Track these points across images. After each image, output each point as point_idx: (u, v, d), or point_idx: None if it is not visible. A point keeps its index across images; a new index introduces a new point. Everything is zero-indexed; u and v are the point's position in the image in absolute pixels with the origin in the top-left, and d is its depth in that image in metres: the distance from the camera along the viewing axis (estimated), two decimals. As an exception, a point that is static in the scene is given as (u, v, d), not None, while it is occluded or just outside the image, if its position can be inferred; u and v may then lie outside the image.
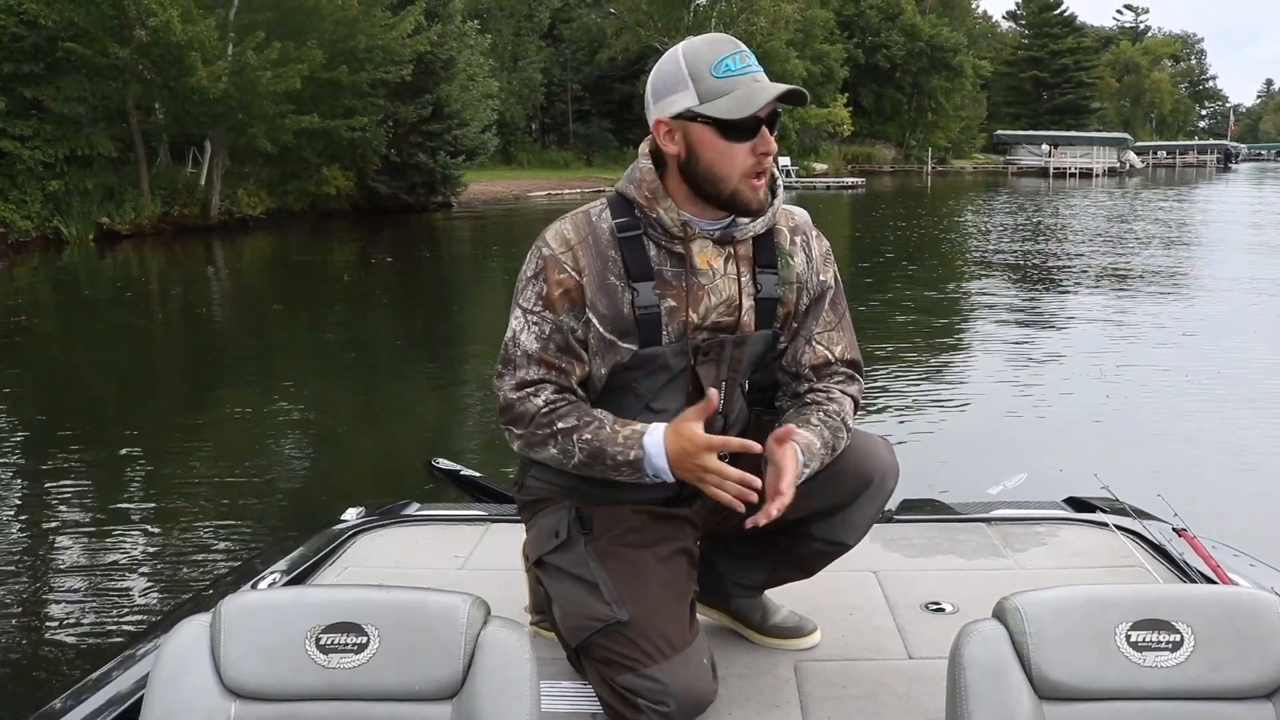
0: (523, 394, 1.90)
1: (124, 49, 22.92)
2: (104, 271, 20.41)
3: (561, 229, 1.92)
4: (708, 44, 1.85)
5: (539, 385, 1.90)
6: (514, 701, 1.43)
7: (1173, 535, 2.53)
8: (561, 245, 1.90)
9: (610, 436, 1.86)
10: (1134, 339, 11.57)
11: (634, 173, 1.94)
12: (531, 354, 1.90)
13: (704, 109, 1.82)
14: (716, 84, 1.81)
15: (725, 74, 1.81)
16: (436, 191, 33.08)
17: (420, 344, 12.72)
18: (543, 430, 1.89)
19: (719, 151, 1.84)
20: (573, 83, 54.29)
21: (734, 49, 1.83)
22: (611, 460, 1.86)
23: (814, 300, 2.02)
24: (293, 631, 1.46)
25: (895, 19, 63.57)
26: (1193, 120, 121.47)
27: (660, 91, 1.88)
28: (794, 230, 2.02)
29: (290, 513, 6.22)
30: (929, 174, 61.71)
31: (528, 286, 1.91)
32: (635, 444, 1.85)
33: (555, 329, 1.89)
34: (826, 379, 2.02)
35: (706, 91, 1.82)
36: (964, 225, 28.45)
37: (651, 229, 1.90)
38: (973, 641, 1.48)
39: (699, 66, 1.82)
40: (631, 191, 1.92)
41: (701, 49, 1.84)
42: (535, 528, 2.04)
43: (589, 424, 1.87)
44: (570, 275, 1.88)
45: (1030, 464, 6.65)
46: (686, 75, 1.83)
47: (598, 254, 1.89)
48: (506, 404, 1.92)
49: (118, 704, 1.89)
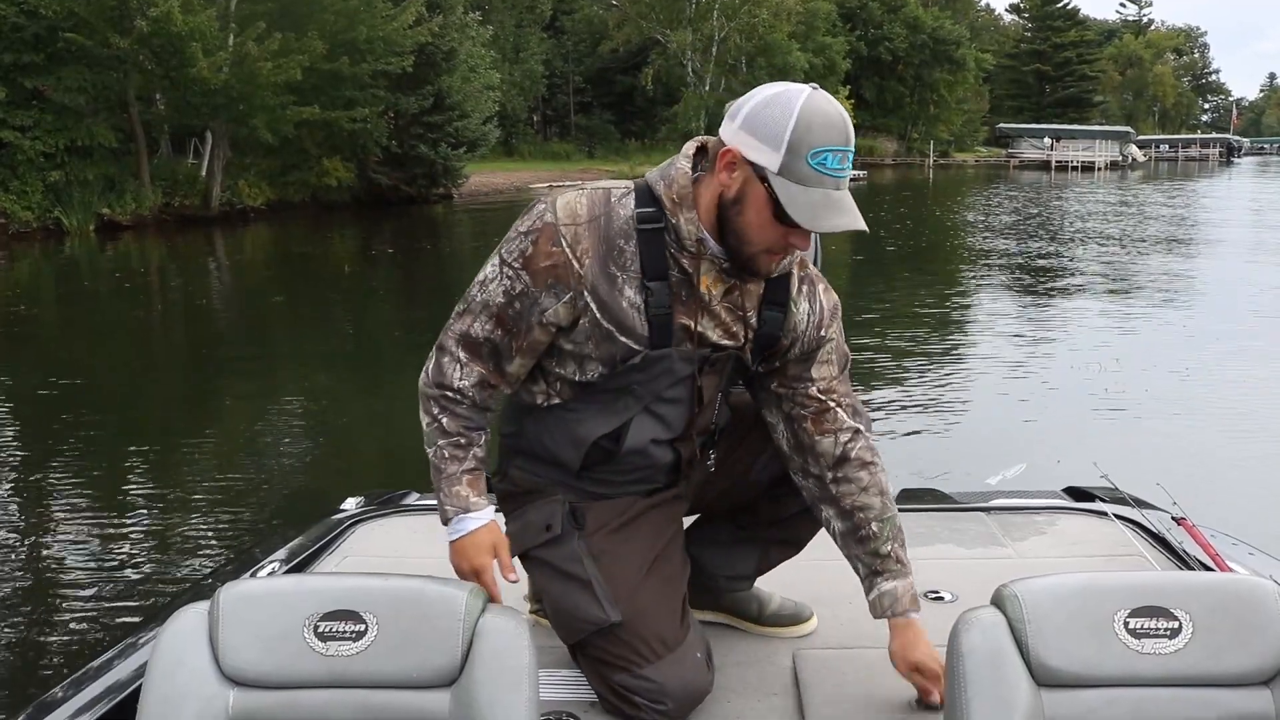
0: (459, 353, 1.89)
1: (125, 39, 22.89)
2: (104, 262, 20.41)
3: (573, 202, 1.81)
4: (825, 123, 1.69)
5: (476, 352, 1.88)
6: (512, 689, 1.43)
7: (1172, 524, 2.53)
8: (568, 217, 1.80)
9: (453, 476, 1.90)
10: (1134, 330, 11.58)
11: (669, 170, 1.82)
12: (490, 306, 1.85)
13: (775, 183, 1.70)
14: (803, 170, 1.69)
15: (818, 166, 1.69)
16: (438, 183, 33.05)
17: (420, 335, 12.70)
18: (433, 404, 1.91)
19: (762, 221, 1.75)
20: (574, 74, 54.22)
21: (843, 145, 1.71)
22: (438, 487, 1.92)
23: (807, 352, 1.95)
24: (291, 619, 1.46)
25: (898, 11, 63.42)
26: (1195, 114, 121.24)
27: (753, 125, 1.72)
28: (804, 280, 1.94)
29: (289, 502, 6.24)
30: (930, 167, 61.63)
31: (516, 241, 1.82)
32: (458, 508, 1.90)
33: (524, 292, 1.82)
34: (844, 449, 1.96)
35: (790, 169, 1.69)
36: (965, 218, 28.43)
37: (668, 233, 1.82)
38: (971, 629, 1.48)
39: (802, 140, 1.68)
40: (660, 189, 1.81)
41: (816, 125, 1.69)
42: (520, 520, 1.98)
43: (457, 449, 1.91)
44: (564, 251, 1.79)
45: (1029, 453, 6.69)
46: (787, 138, 1.68)
47: (604, 239, 1.79)
48: (441, 345, 1.91)
49: (117, 692, 1.89)
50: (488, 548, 1.90)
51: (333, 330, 12.72)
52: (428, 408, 1.92)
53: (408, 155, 31.27)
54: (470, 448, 1.91)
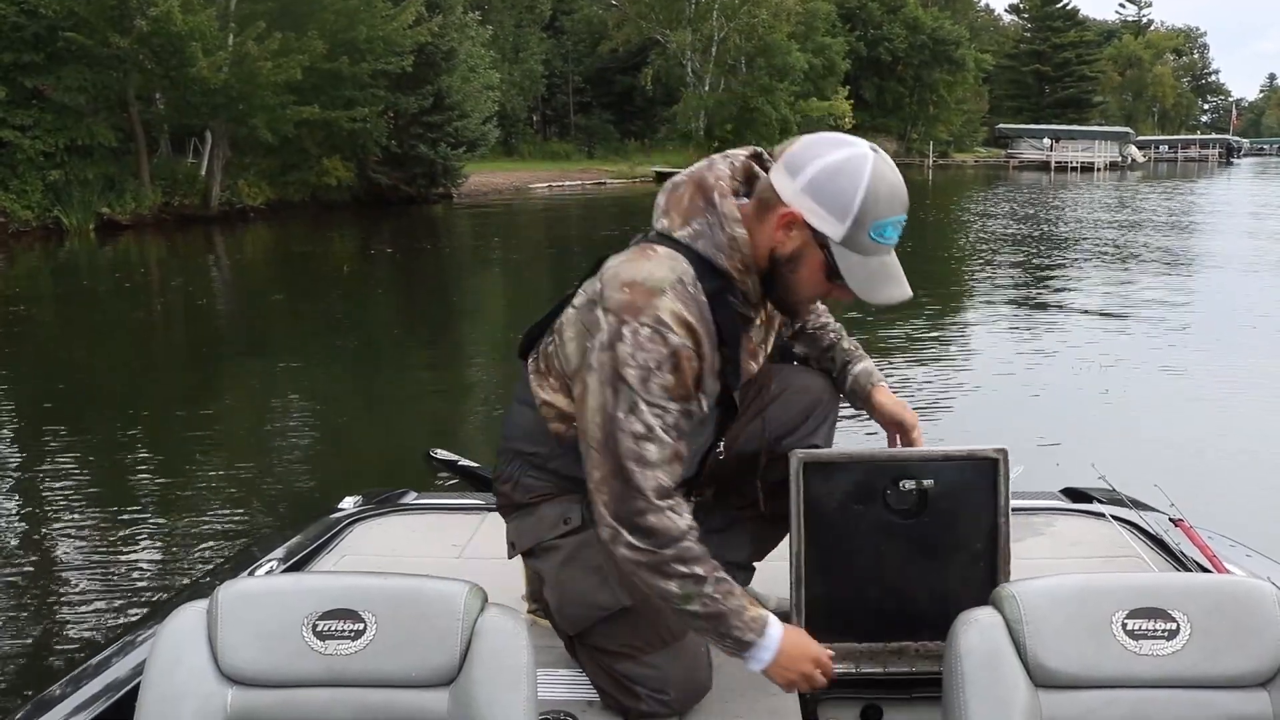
0: (666, 504, 1.74)
1: (125, 39, 22.87)
2: (104, 261, 20.41)
3: (677, 311, 1.73)
4: (890, 194, 1.72)
5: (676, 493, 1.77)
6: (511, 688, 1.43)
7: (1169, 525, 2.53)
8: (685, 330, 1.74)
9: (737, 609, 1.76)
10: (1132, 331, 11.58)
11: (717, 236, 1.78)
12: (666, 451, 1.74)
13: (836, 251, 1.74)
14: (864, 241, 1.72)
15: (877, 236, 1.73)
16: (437, 183, 33.01)
17: (419, 334, 12.73)
18: (676, 564, 1.73)
19: (814, 280, 1.79)
20: (574, 74, 54.19)
21: (901, 215, 1.75)
22: (724, 628, 1.76)
23: None
24: (290, 618, 1.46)
25: (897, 12, 63.39)
26: (1195, 114, 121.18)
27: (819, 193, 1.72)
28: None
29: (288, 501, 6.24)
30: (930, 167, 61.59)
31: (651, 378, 1.72)
32: (759, 630, 1.77)
33: (684, 415, 1.77)
34: None
35: (853, 239, 1.72)
36: (963, 218, 28.43)
37: (733, 295, 1.82)
38: (969, 630, 1.48)
39: (868, 213, 1.70)
40: (722, 261, 1.78)
41: (882, 198, 1.71)
42: (534, 516, 1.99)
43: (720, 582, 1.76)
44: (698, 362, 1.77)
45: (1027, 454, 6.66)
46: (854, 211, 1.70)
47: (707, 331, 1.78)
48: (640, 510, 1.73)
49: (115, 690, 1.89)
50: (803, 643, 1.82)
51: (332, 330, 12.71)
52: (669, 571, 1.74)
53: (407, 155, 31.24)
54: (719, 566, 1.80)
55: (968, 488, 2.00)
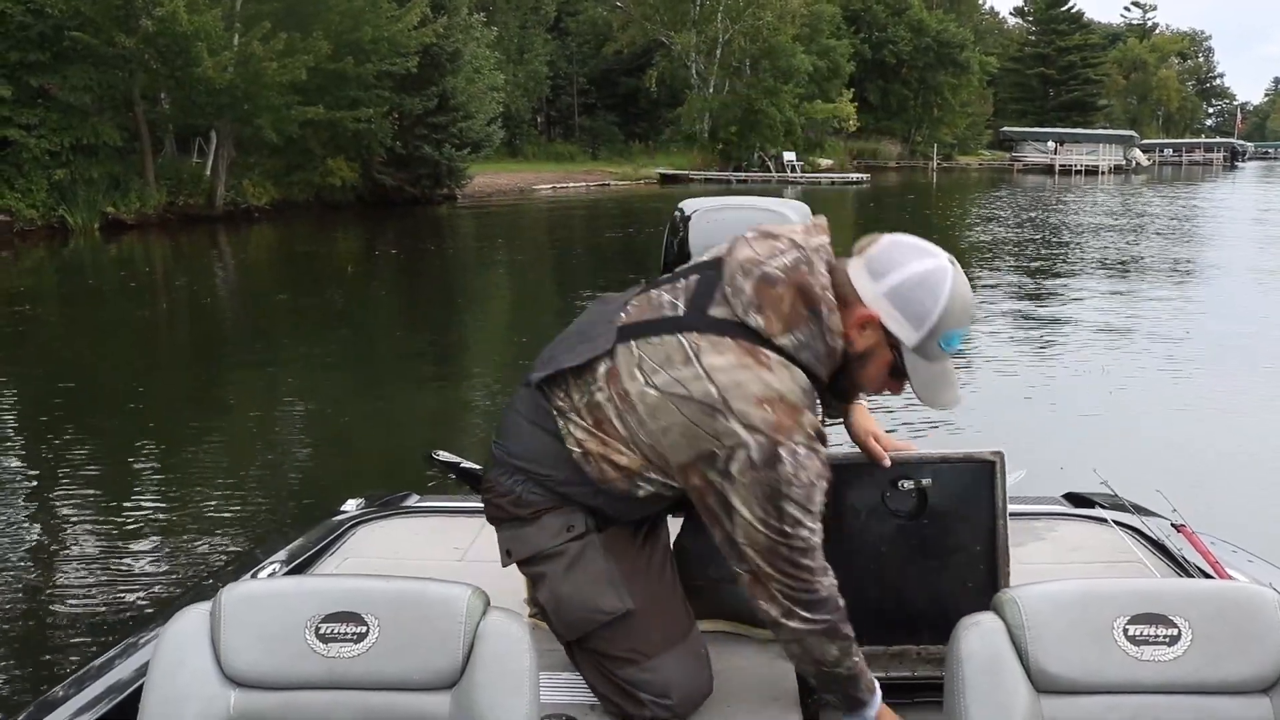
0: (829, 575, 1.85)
1: (130, 38, 22.89)
2: (109, 261, 20.44)
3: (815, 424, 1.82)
4: (962, 309, 1.81)
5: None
6: (513, 692, 1.43)
7: (1171, 531, 2.53)
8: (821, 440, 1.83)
9: (865, 671, 1.89)
10: (1135, 336, 11.56)
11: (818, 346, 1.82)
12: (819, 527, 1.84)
13: (907, 357, 1.82)
14: (933, 349, 1.82)
15: (945, 345, 1.82)
16: (441, 184, 33.00)
17: (423, 337, 12.73)
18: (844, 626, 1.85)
19: (879, 377, 1.88)
20: (578, 76, 54.19)
21: (969, 326, 1.87)
22: (853, 689, 1.88)
23: None
24: (292, 620, 1.46)
25: (902, 14, 63.32)
26: (1200, 118, 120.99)
27: (901, 301, 1.80)
28: None
29: (290, 503, 6.24)
30: (934, 170, 61.54)
31: (813, 494, 1.80)
32: (870, 691, 1.89)
33: None
34: None
35: (924, 347, 1.81)
36: (966, 221, 28.40)
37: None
38: (971, 634, 1.49)
39: (944, 324, 1.80)
40: (821, 371, 1.84)
41: (957, 312, 1.80)
42: (535, 525, 1.95)
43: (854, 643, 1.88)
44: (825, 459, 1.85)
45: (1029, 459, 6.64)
46: (931, 323, 1.79)
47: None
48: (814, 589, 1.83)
49: (118, 692, 1.89)
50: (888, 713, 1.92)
51: (335, 330, 12.72)
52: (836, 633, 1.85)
53: (412, 156, 31.24)
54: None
55: (966, 490, 2.02)
